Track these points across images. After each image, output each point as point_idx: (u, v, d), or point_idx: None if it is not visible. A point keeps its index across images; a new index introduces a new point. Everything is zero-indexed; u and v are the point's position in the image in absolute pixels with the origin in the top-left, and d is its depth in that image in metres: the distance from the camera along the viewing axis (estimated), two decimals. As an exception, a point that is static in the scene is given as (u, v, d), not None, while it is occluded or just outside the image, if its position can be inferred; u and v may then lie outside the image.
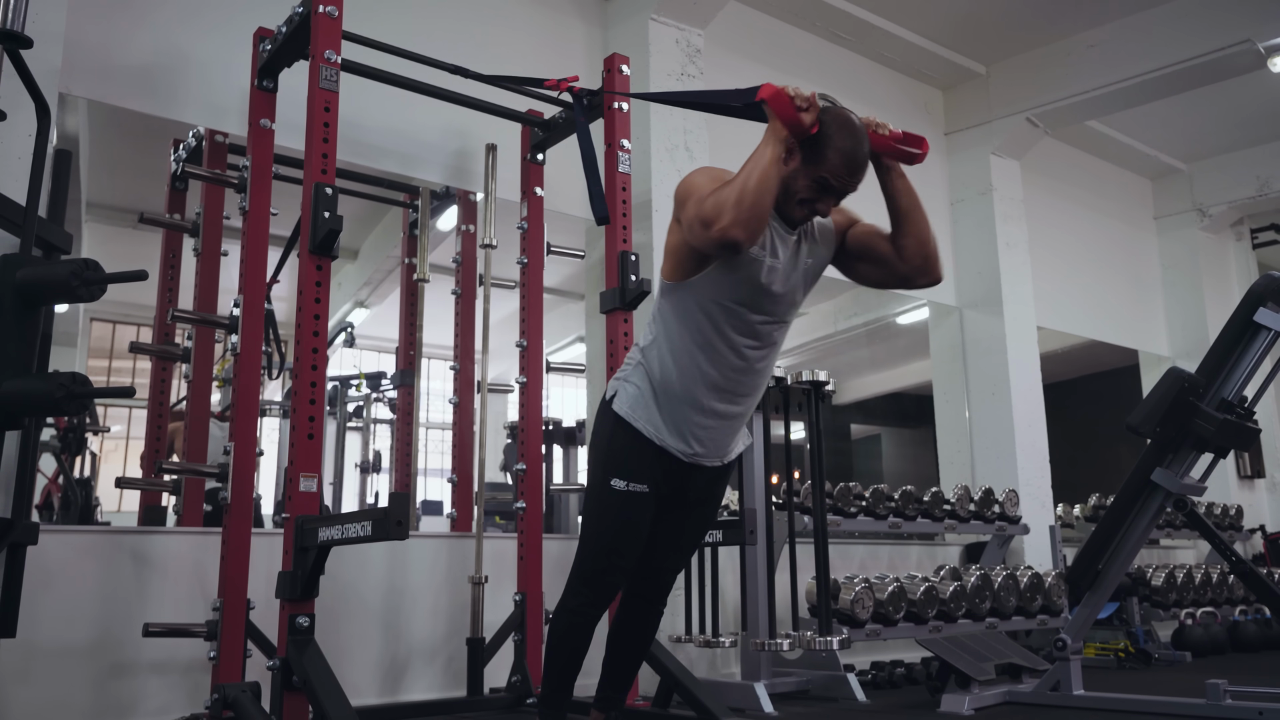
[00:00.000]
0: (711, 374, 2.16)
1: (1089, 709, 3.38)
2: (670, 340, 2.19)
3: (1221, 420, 3.34)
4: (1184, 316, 7.43)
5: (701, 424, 2.20)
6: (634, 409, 2.21)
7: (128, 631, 2.97)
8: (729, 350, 2.16)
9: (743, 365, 2.18)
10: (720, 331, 2.14)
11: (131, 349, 3.52)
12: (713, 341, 2.15)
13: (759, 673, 3.69)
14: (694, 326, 2.15)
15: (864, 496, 4.50)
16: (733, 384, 2.19)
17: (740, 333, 2.16)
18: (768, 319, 2.18)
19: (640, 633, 2.43)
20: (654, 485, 2.22)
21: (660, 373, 2.20)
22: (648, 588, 2.38)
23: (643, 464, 2.20)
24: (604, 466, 2.23)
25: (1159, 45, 5.43)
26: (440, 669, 3.59)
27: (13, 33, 2.37)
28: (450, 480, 4.21)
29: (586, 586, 2.25)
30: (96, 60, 3.29)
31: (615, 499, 2.20)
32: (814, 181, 2.06)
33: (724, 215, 1.93)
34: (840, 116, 2.07)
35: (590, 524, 2.27)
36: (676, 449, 2.20)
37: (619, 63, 3.46)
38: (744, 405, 2.24)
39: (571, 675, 2.31)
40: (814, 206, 2.11)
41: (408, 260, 4.79)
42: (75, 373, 2.27)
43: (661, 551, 2.33)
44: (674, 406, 2.18)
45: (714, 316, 2.14)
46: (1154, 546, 6.74)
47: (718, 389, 2.18)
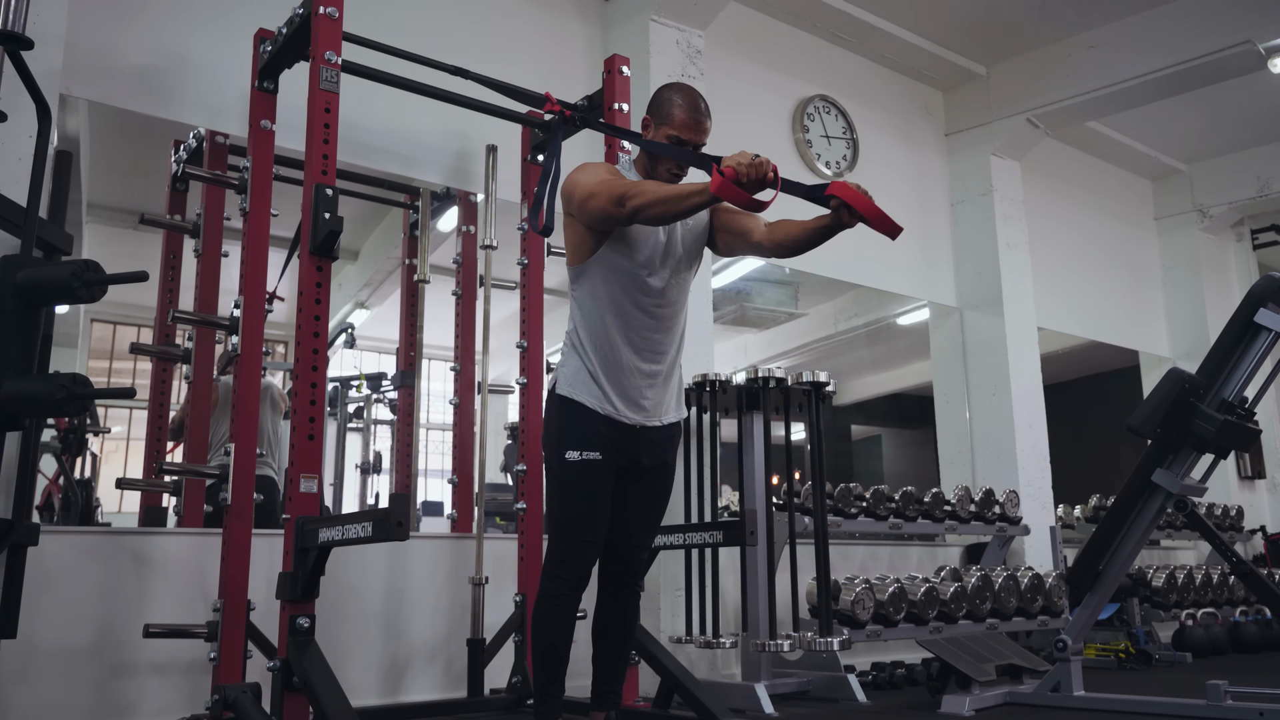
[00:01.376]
0: (630, 336, 2.39)
1: (1089, 710, 3.38)
2: (588, 317, 2.42)
3: (1222, 421, 3.34)
4: (1184, 317, 7.43)
5: (634, 385, 2.40)
6: (573, 385, 2.40)
7: (128, 632, 2.97)
8: (638, 311, 2.40)
9: (653, 324, 2.41)
10: (628, 294, 2.39)
11: (132, 350, 3.51)
12: (623, 306, 2.39)
13: (759, 673, 3.69)
14: (604, 297, 2.39)
15: (864, 497, 4.50)
16: (649, 343, 2.41)
17: (644, 292, 2.40)
18: (665, 277, 2.42)
19: (622, 619, 2.49)
20: (605, 453, 2.36)
21: (588, 347, 2.41)
22: (621, 569, 2.48)
23: (591, 433, 2.36)
24: (556, 444, 2.39)
25: (1159, 46, 5.43)
26: (441, 670, 3.59)
27: (13, 34, 2.38)
28: (451, 481, 4.21)
29: (561, 568, 2.34)
30: (97, 61, 3.29)
31: (572, 471, 2.35)
32: (670, 142, 2.40)
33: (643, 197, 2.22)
34: (671, 83, 2.50)
35: (554, 503, 2.41)
36: (620, 414, 2.38)
37: (619, 63, 3.47)
38: (665, 362, 2.45)
39: (559, 665, 2.37)
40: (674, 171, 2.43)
41: (408, 261, 4.79)
42: (76, 374, 2.28)
43: (629, 526, 2.46)
44: (607, 373, 2.38)
45: (619, 284, 2.39)
46: (1154, 547, 6.73)
47: (637, 349, 2.40)
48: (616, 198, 2.25)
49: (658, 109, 2.45)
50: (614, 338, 2.39)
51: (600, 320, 2.40)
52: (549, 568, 2.37)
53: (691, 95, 2.44)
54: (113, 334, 8.95)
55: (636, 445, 2.42)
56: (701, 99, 2.45)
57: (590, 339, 2.41)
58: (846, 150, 5.51)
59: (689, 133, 2.41)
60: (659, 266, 2.42)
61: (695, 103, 2.43)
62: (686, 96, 2.43)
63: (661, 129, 2.43)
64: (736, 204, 2.16)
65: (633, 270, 2.39)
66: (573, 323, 2.47)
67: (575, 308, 2.47)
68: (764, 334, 9.07)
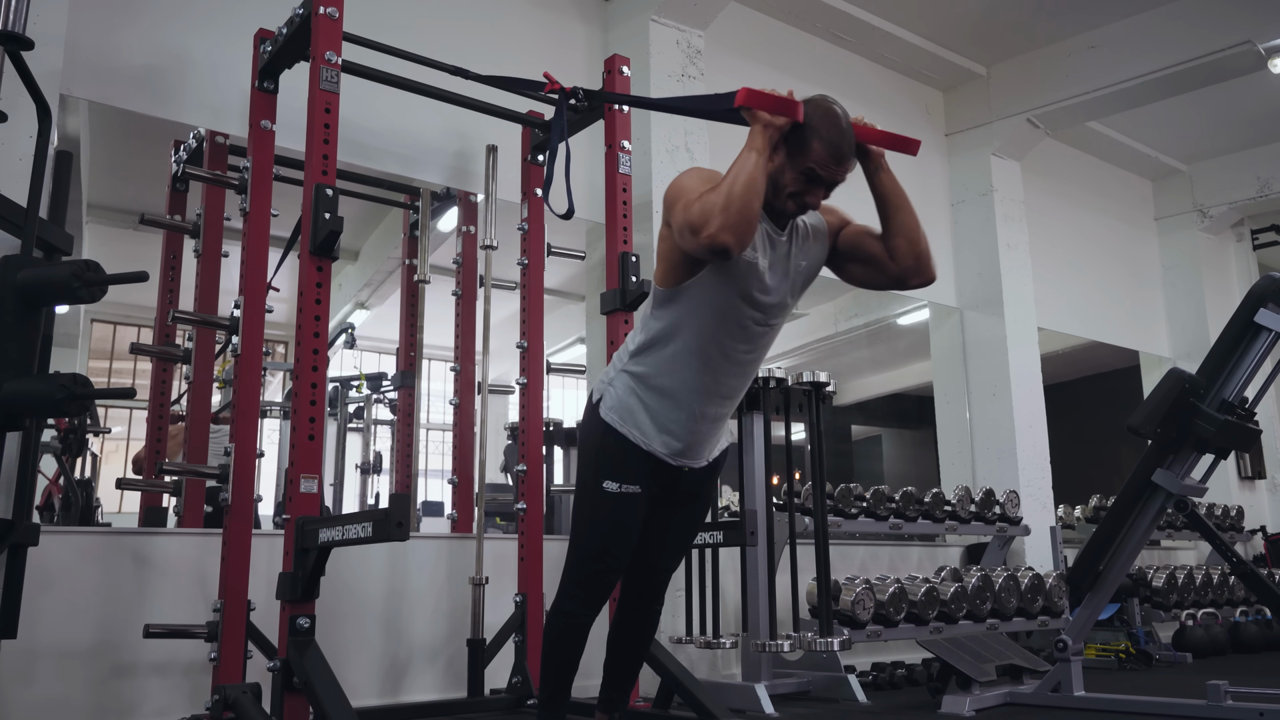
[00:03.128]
0: (704, 379, 2.15)
1: (1090, 710, 3.38)
2: (663, 345, 2.16)
3: (1222, 421, 3.33)
4: (1185, 317, 7.43)
5: (690, 428, 2.19)
6: (621, 416, 2.20)
7: (128, 632, 2.97)
8: (720, 355, 2.15)
9: (733, 369, 2.18)
10: (714, 336, 2.13)
11: (132, 350, 3.51)
12: (706, 347, 2.13)
13: (760, 674, 3.69)
14: (687, 333, 2.13)
15: (865, 497, 4.50)
16: (723, 387, 2.19)
17: (734, 337, 2.14)
18: (760, 321, 2.16)
19: (639, 634, 2.43)
20: (645, 486, 2.21)
21: (651, 377, 2.18)
22: (643, 588, 2.38)
23: (633, 467, 2.20)
24: (594, 469, 2.22)
25: (1159, 46, 5.43)
26: (441, 670, 3.59)
27: (14, 34, 2.38)
28: (451, 481, 4.21)
29: (580, 589, 2.24)
30: (97, 62, 3.29)
31: (607, 501, 2.20)
32: (801, 173, 2.04)
33: (712, 221, 1.89)
34: (823, 106, 2.05)
35: (582, 526, 2.25)
36: (663, 453, 2.20)
37: (619, 64, 3.47)
38: (729, 407, 2.26)
39: (568, 677, 2.30)
40: (803, 200, 2.07)
41: (408, 261, 4.79)
42: (76, 374, 2.28)
43: (654, 551, 2.33)
44: (663, 410, 2.18)
45: (708, 321, 2.12)
46: (1155, 548, 6.73)
47: (708, 392, 2.17)
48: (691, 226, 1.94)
49: (795, 135, 2.03)
50: (686, 376, 2.15)
51: (678, 354, 2.14)
52: (568, 586, 2.25)
53: (838, 126, 2.02)
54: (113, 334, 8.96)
55: (676, 478, 2.26)
56: (849, 131, 2.04)
57: (656, 372, 2.17)
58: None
59: (828, 169, 2.02)
60: (758, 304, 2.13)
61: (841, 137, 2.02)
62: (832, 126, 2.02)
63: (796, 157, 2.03)
64: (765, 108, 1.97)
65: (729, 310, 2.10)
66: (641, 340, 2.21)
67: (649, 328, 2.20)
68: (764, 334, 9.05)
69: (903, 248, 2.12)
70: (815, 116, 2.02)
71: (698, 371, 2.14)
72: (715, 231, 1.89)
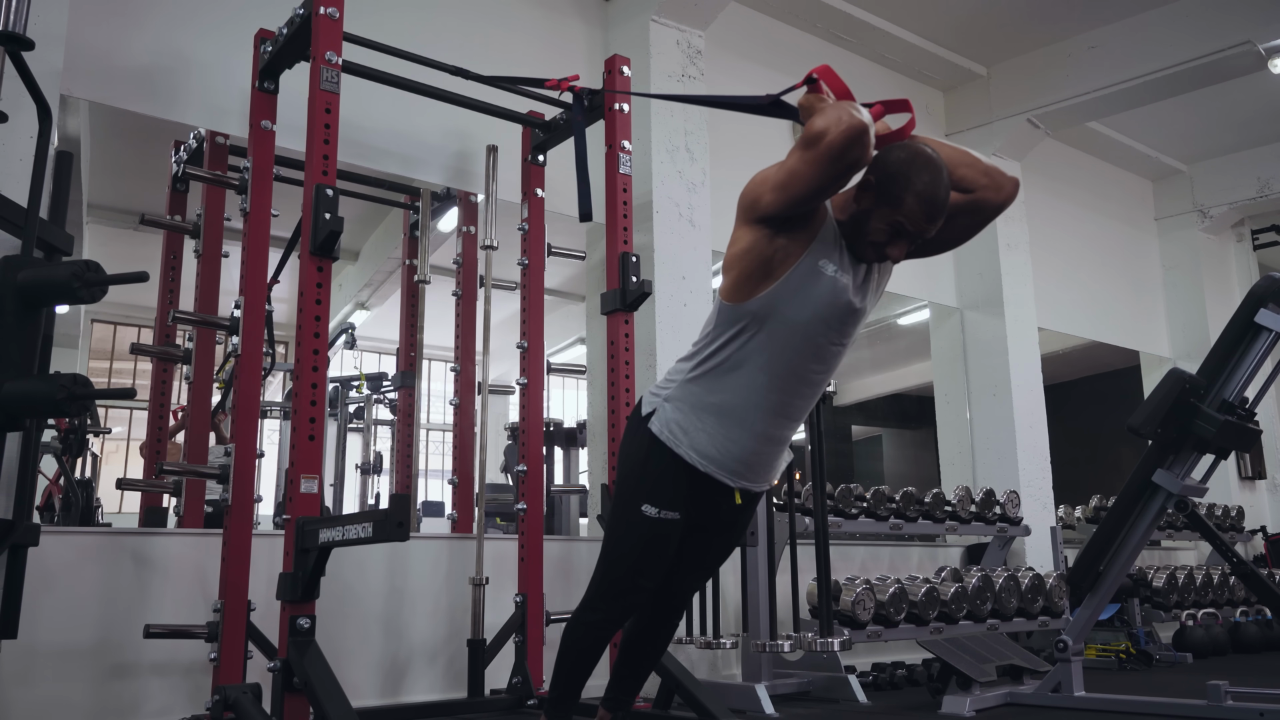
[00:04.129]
0: (773, 399, 2.05)
1: (1090, 710, 3.38)
2: (730, 362, 2.04)
3: (1222, 421, 3.33)
4: (1185, 318, 7.43)
5: (754, 449, 2.09)
6: (675, 431, 2.08)
7: (129, 633, 2.97)
8: (792, 374, 2.04)
9: (803, 389, 2.08)
10: (787, 355, 2.02)
11: (132, 350, 3.51)
12: (777, 366, 2.02)
13: (760, 674, 3.69)
14: (761, 349, 2.02)
15: (865, 498, 4.50)
16: (790, 408, 2.09)
17: (807, 356, 2.04)
18: (836, 340, 2.06)
19: (653, 646, 2.40)
20: (684, 513, 2.12)
21: (713, 394, 2.06)
22: (665, 607, 2.33)
23: (678, 490, 2.10)
24: (635, 489, 2.12)
25: (1159, 46, 5.43)
26: (441, 670, 3.59)
27: (14, 34, 2.38)
28: (451, 482, 4.21)
29: (605, 603, 2.18)
30: (98, 62, 3.30)
31: (645, 524, 2.10)
32: (888, 225, 1.94)
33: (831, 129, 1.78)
34: (918, 153, 1.94)
35: (615, 544, 2.17)
36: (720, 474, 2.09)
37: (620, 64, 3.47)
38: (794, 428, 2.16)
39: (581, 681, 2.28)
40: (884, 251, 1.98)
41: (408, 262, 4.79)
42: (76, 374, 2.27)
43: (684, 572, 2.26)
44: (726, 431, 2.06)
45: (783, 339, 2.01)
46: (1155, 548, 6.73)
47: (775, 413, 2.07)
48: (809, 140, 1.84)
49: (888, 183, 1.93)
50: (752, 398, 2.04)
51: (746, 375, 2.03)
52: (593, 599, 2.18)
53: (936, 182, 1.92)
54: (113, 334, 8.97)
55: (719, 505, 2.16)
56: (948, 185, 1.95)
57: (719, 389, 2.06)
58: (847, 150, 5.50)
59: (918, 225, 1.93)
60: (835, 324, 2.03)
61: (937, 193, 1.92)
62: (932, 182, 1.91)
63: (883, 209, 1.93)
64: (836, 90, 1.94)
65: (805, 328, 2.00)
66: (705, 354, 2.08)
67: (711, 348, 2.07)
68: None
69: (968, 176, 2.04)
70: (910, 165, 1.92)
71: (766, 390, 2.03)
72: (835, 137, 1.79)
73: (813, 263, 1.96)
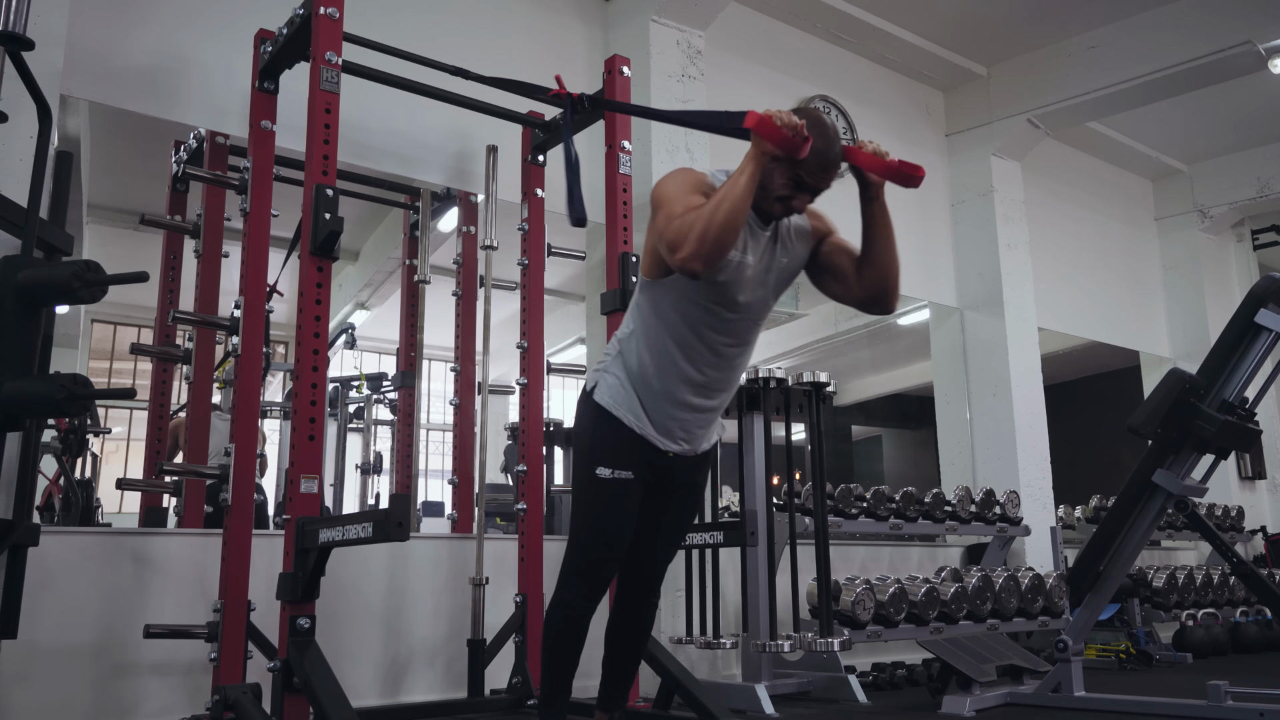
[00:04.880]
0: (688, 370, 2.21)
1: (1090, 710, 3.38)
2: (648, 336, 2.23)
3: (1222, 421, 3.33)
4: (1185, 318, 7.43)
5: (678, 417, 2.24)
6: (615, 399, 2.25)
7: (129, 633, 2.97)
8: (704, 347, 2.20)
9: (718, 361, 2.23)
10: (696, 329, 2.19)
11: (132, 350, 3.51)
12: (688, 339, 2.19)
13: (760, 674, 3.69)
14: (670, 324, 2.20)
15: (865, 498, 4.49)
16: (708, 379, 2.24)
17: (715, 330, 2.20)
18: (742, 316, 2.22)
19: (637, 628, 2.44)
20: (638, 471, 2.25)
21: (638, 366, 2.24)
22: (639, 580, 2.41)
23: (626, 452, 2.23)
24: (588, 456, 2.25)
25: (1159, 46, 5.43)
26: (441, 670, 3.59)
27: (14, 34, 2.38)
28: (451, 482, 4.21)
29: (580, 579, 2.26)
30: (98, 62, 3.30)
31: (601, 487, 2.23)
32: (790, 179, 2.10)
33: (686, 245, 1.96)
34: (814, 116, 2.10)
35: (579, 515, 2.29)
36: (656, 440, 2.24)
37: (620, 64, 3.47)
38: (719, 400, 2.30)
39: (569, 672, 2.32)
40: (789, 204, 2.14)
41: (408, 262, 4.79)
42: (76, 374, 2.27)
43: (648, 541, 2.36)
44: (652, 399, 2.23)
45: (689, 315, 2.18)
46: (1155, 548, 6.73)
47: (694, 384, 2.23)
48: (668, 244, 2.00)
49: None
50: (670, 368, 2.20)
51: (662, 345, 2.20)
52: (566, 577, 2.27)
53: (827, 136, 2.08)
54: (113, 334, 8.96)
55: (669, 467, 2.30)
56: (838, 141, 2.11)
57: (644, 360, 2.22)
58: (847, 150, 5.50)
59: (815, 177, 2.09)
60: (739, 300, 2.18)
61: (829, 146, 2.08)
62: (822, 135, 2.06)
63: (785, 165, 2.07)
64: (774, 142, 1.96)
65: (709, 302, 2.16)
66: (630, 329, 2.28)
67: (637, 317, 2.27)
68: (765, 334, 9.05)
69: (873, 278, 2.20)
70: (806, 126, 2.03)
71: (681, 361, 2.20)
72: (687, 257, 1.97)
73: None
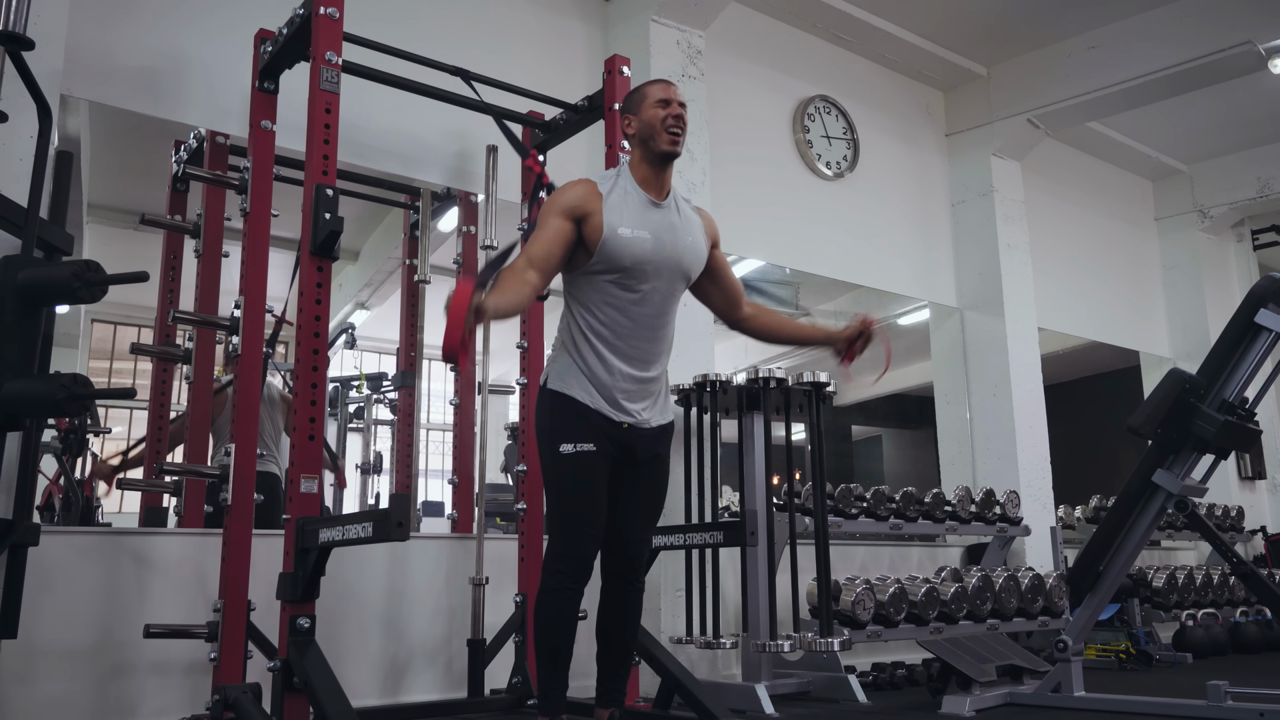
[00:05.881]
0: (618, 344, 2.41)
1: (1090, 710, 3.38)
2: (578, 320, 2.44)
3: (1223, 422, 3.33)
4: (1185, 318, 7.43)
5: (622, 388, 2.41)
6: (565, 381, 2.42)
7: (128, 632, 2.97)
8: (625, 319, 2.41)
9: (642, 333, 2.44)
10: (617, 307, 2.41)
11: (132, 350, 3.51)
12: (612, 317, 2.41)
13: (760, 674, 3.69)
14: (593, 304, 2.42)
15: (865, 498, 4.49)
16: (638, 350, 2.43)
17: (634, 304, 2.42)
18: (655, 287, 2.43)
19: (624, 615, 2.50)
20: (600, 444, 2.37)
21: (576, 350, 2.43)
22: (620, 564, 2.48)
23: (585, 426, 2.37)
24: (550, 437, 2.40)
25: (1160, 47, 5.43)
26: (441, 670, 3.59)
27: (14, 34, 2.38)
28: (451, 482, 4.21)
29: (562, 561, 2.34)
30: (98, 62, 3.30)
31: (567, 463, 2.36)
32: (655, 106, 2.45)
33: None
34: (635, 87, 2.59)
35: (552, 498, 2.42)
36: (609, 412, 2.39)
37: (620, 64, 3.47)
38: (653, 370, 2.47)
39: (564, 661, 2.37)
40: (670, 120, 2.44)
41: (409, 261, 4.79)
42: (76, 374, 2.28)
43: (623, 517, 2.46)
44: (594, 376, 2.40)
45: (606, 292, 2.41)
46: (1155, 548, 6.73)
47: (626, 356, 2.42)
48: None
49: (633, 97, 2.54)
50: (603, 344, 2.41)
51: (590, 325, 2.42)
52: (550, 562, 2.36)
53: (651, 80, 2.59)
54: (113, 334, 8.96)
55: (628, 439, 2.43)
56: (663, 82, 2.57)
57: (579, 344, 2.42)
58: (847, 151, 5.51)
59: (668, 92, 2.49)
60: (648, 276, 2.42)
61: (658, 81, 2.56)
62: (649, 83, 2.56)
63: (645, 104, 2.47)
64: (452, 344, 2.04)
65: (618, 281, 2.40)
66: (564, 322, 2.49)
67: (568, 309, 2.49)
68: (764, 334, 9.05)
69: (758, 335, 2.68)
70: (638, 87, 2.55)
71: (609, 337, 2.41)
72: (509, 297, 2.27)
73: (611, 231, 2.37)
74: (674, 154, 2.46)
